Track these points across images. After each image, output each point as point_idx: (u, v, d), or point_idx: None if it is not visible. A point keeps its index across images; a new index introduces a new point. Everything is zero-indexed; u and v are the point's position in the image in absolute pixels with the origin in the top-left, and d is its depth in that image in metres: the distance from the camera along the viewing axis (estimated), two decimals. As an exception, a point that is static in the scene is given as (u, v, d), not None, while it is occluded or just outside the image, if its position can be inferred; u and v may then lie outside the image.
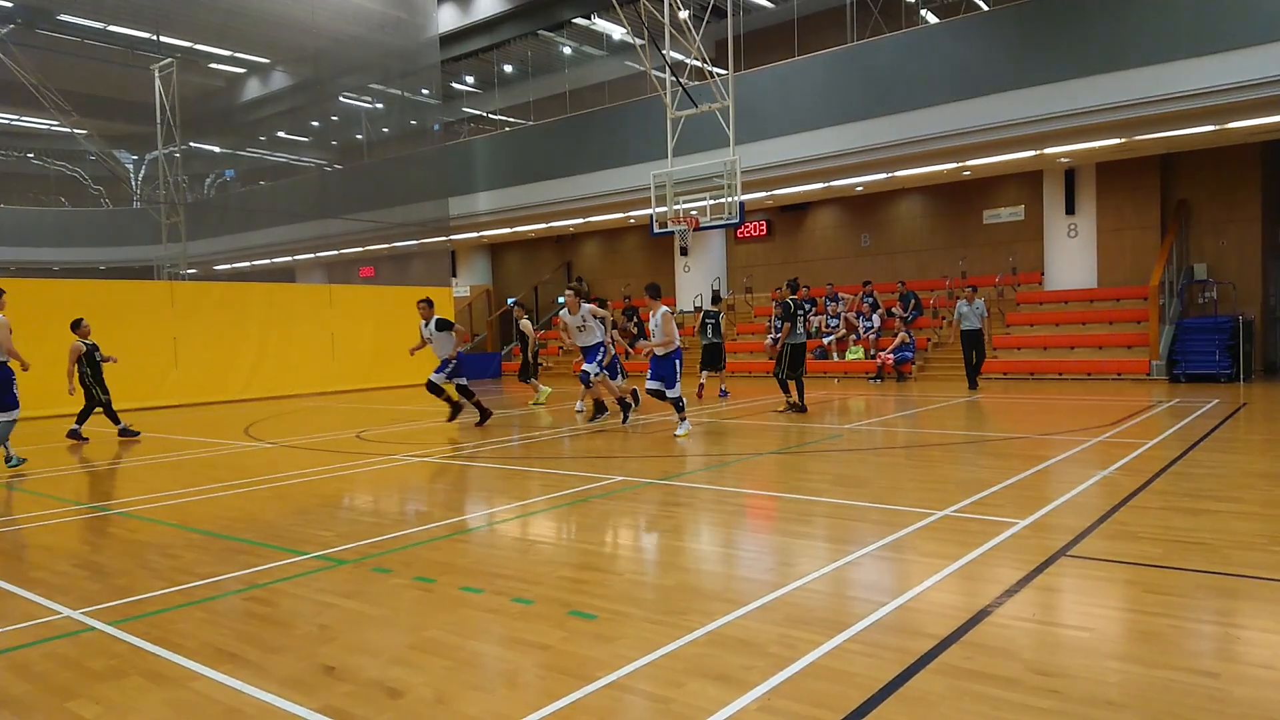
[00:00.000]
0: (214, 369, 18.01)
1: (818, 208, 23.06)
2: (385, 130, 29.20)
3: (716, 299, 12.62)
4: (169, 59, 21.84)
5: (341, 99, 28.26)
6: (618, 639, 3.53)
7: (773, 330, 12.43)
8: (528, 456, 9.01)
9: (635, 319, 24.05)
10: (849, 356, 19.71)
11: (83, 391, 11.45)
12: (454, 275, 29.40)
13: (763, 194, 20.40)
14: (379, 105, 28.67)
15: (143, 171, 30.93)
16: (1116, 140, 16.00)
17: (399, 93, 27.02)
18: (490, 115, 29.76)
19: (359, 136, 29.92)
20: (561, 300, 28.21)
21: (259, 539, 5.54)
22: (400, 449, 9.72)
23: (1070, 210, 18.62)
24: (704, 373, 15.21)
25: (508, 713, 2.89)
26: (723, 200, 15.58)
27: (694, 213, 16.02)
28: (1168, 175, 18.19)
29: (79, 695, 3.16)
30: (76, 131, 27.16)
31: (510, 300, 29.32)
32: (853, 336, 20.08)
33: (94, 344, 11.56)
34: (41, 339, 13.47)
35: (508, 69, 28.56)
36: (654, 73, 17.25)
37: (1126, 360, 16.53)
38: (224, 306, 18.62)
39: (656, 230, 16.39)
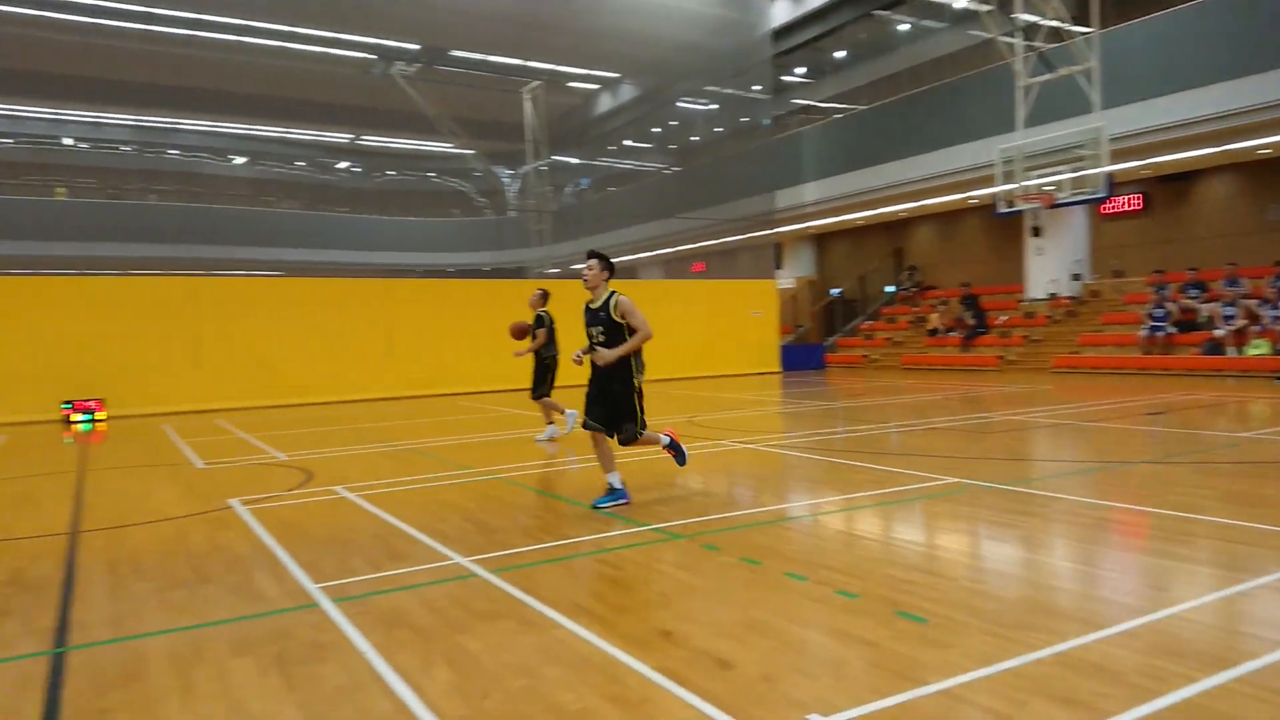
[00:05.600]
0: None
1: (1206, 175, 19.55)
2: (718, 130, 30.37)
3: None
4: (536, 82, 24.79)
5: (679, 104, 29.93)
6: (951, 646, 3.36)
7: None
8: (853, 450, 8.85)
9: (976, 307, 22.44)
10: (1250, 352, 16.49)
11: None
12: (778, 267, 29.70)
13: (1136, 163, 17.78)
14: (714, 106, 29.89)
15: (517, 184, 35.58)
16: None
17: (732, 92, 27.92)
18: (819, 104, 29.55)
19: (694, 138, 31.45)
20: (891, 290, 27.31)
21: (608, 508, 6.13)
22: (728, 435, 10.09)
23: None
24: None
25: (835, 701, 2.90)
26: (1084, 172, 13.94)
27: (1048, 188, 14.52)
28: None
29: (466, 631, 3.76)
30: (465, 152, 31.97)
31: (833, 291, 28.91)
32: (1255, 328, 16.74)
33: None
34: (437, 329, 16.09)
35: (839, 55, 28.09)
36: (1002, 39, 15.88)
37: None
38: (580, 302, 20.73)
39: (1002, 210, 15.14)
